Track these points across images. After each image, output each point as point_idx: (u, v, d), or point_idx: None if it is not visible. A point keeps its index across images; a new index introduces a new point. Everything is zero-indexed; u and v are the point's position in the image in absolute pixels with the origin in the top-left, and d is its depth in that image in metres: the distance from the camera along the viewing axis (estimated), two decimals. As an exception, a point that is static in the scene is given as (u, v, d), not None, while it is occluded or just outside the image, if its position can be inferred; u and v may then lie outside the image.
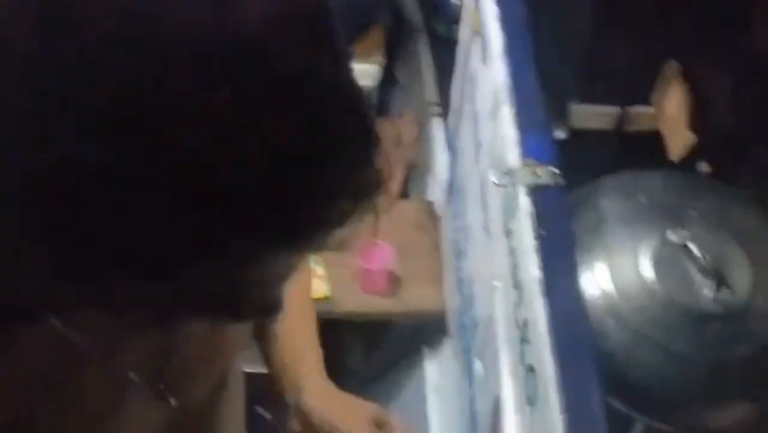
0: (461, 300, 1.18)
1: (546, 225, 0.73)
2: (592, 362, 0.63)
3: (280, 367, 0.67)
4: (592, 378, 0.62)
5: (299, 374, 0.66)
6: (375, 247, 1.40)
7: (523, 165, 0.79)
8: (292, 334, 0.67)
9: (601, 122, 1.49)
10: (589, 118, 1.47)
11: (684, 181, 0.92)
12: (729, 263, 0.80)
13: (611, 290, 0.79)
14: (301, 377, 0.66)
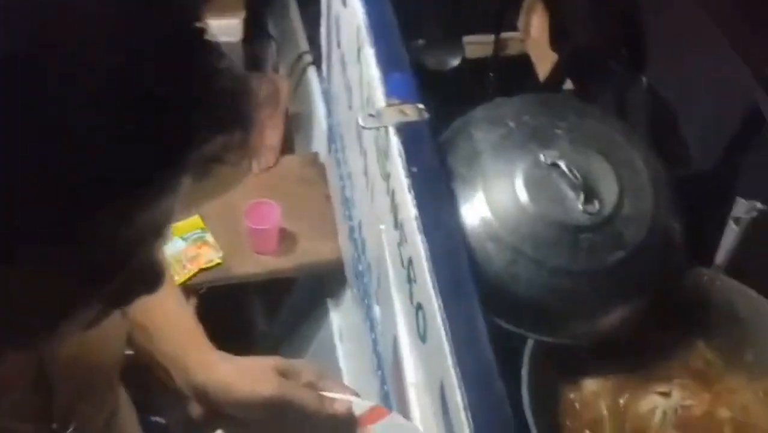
0: (354, 247, 1.18)
1: (416, 162, 0.73)
2: (473, 293, 0.64)
3: (161, 358, 0.62)
4: (475, 309, 0.63)
5: (184, 356, 0.62)
6: (262, 206, 1.37)
7: (387, 105, 0.78)
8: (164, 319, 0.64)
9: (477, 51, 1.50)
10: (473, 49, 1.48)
11: (549, 102, 0.94)
12: (596, 175, 0.82)
13: (490, 217, 0.80)
14: (185, 357, 0.62)
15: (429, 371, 0.70)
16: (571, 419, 0.81)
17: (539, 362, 0.79)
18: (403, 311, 0.80)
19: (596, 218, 0.80)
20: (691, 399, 0.82)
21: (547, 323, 0.81)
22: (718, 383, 0.84)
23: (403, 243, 0.76)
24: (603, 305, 0.81)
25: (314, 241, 1.43)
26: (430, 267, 0.65)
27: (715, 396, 0.83)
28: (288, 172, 1.58)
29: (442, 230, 0.68)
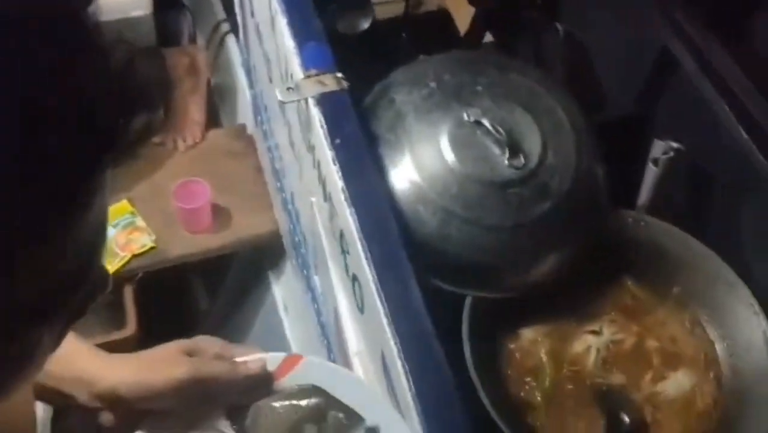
0: (289, 219, 1.18)
1: (339, 133, 0.72)
2: (405, 262, 0.65)
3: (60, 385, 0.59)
4: (408, 277, 0.64)
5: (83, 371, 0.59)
6: (191, 185, 1.35)
7: (305, 77, 0.77)
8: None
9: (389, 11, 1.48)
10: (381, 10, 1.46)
11: (468, 59, 0.94)
12: (519, 129, 0.83)
13: (418, 180, 0.81)
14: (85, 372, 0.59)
15: (369, 341, 0.71)
16: (512, 369, 0.83)
17: (478, 318, 0.81)
18: (341, 282, 0.81)
19: (522, 171, 0.82)
20: (620, 333, 0.86)
21: (482, 279, 0.82)
22: (646, 316, 0.88)
23: (333, 215, 0.76)
24: (535, 256, 0.83)
25: (249, 215, 1.42)
26: (360, 238, 0.65)
27: (644, 328, 0.86)
28: (216, 147, 1.55)
29: (370, 200, 0.68)
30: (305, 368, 0.66)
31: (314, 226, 0.90)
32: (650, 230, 0.89)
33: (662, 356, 0.85)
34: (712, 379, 0.83)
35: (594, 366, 0.84)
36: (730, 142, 0.78)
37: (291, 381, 0.65)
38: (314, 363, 0.67)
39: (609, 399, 0.81)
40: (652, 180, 0.89)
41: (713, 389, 0.82)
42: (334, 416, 0.63)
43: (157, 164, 1.50)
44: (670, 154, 0.86)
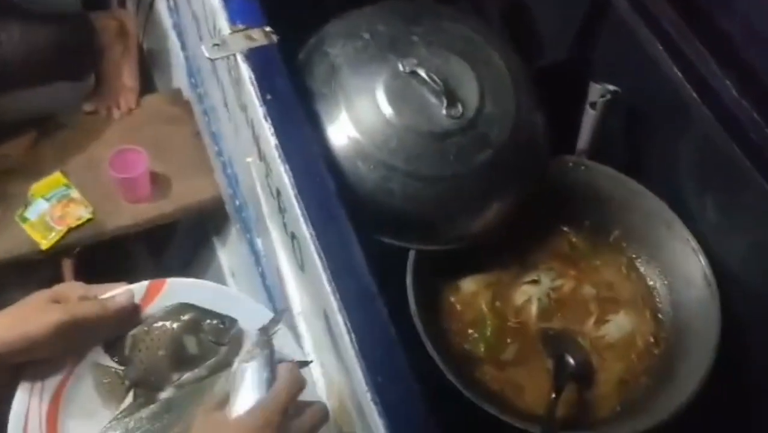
0: (228, 183, 1.15)
1: (270, 88, 0.70)
2: (343, 217, 0.63)
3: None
4: (347, 233, 0.63)
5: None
6: (127, 153, 1.30)
7: (232, 32, 0.74)
8: None
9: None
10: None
11: (403, 9, 0.91)
12: (457, 78, 0.82)
13: (356, 135, 0.79)
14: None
15: (312, 299, 0.70)
16: (454, 322, 0.84)
17: (422, 271, 0.81)
18: (281, 242, 0.79)
19: (461, 121, 0.81)
20: (558, 280, 0.87)
21: (425, 232, 0.82)
22: (582, 262, 0.89)
23: (269, 174, 0.74)
24: (477, 207, 0.83)
25: (189, 181, 1.38)
26: (296, 195, 0.64)
27: (581, 274, 0.87)
28: (151, 113, 1.50)
29: (304, 156, 0.66)
30: (170, 290, 0.68)
31: (252, 186, 0.88)
32: (590, 174, 0.89)
33: (600, 301, 0.86)
34: (649, 319, 0.85)
35: (537, 315, 0.85)
36: (665, 84, 0.78)
37: (159, 305, 0.67)
38: (177, 283, 0.69)
39: (555, 343, 0.82)
40: (590, 124, 0.89)
41: (653, 327, 0.84)
42: (210, 324, 0.66)
43: (91, 134, 1.44)
44: (607, 96, 0.86)
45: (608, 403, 0.80)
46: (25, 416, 0.63)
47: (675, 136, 0.83)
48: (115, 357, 0.66)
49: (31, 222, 1.29)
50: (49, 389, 0.64)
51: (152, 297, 0.68)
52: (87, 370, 0.65)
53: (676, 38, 0.75)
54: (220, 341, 0.66)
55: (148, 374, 0.66)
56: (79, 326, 0.61)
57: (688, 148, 0.83)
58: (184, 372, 0.66)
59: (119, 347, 0.66)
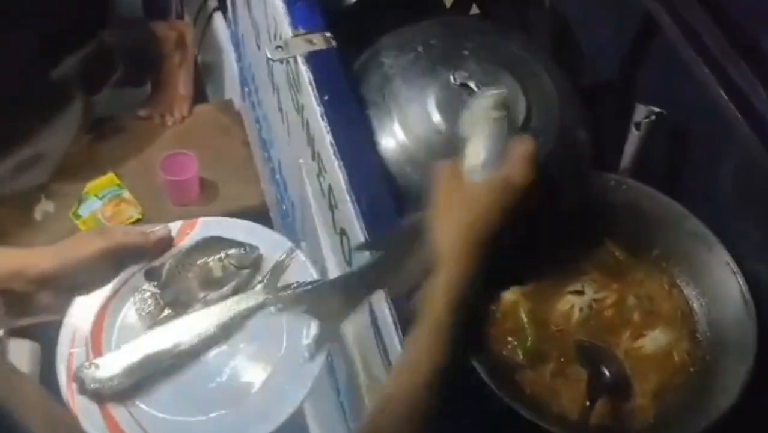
0: (276, 189, 1.19)
1: (327, 90, 0.74)
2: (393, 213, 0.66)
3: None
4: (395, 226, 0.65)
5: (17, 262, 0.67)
6: (178, 157, 1.35)
7: (294, 36, 0.78)
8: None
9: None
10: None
11: (455, 25, 0.95)
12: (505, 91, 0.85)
13: (405, 140, 0.82)
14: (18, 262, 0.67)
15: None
16: (494, 328, 0.85)
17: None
18: (329, 239, 0.82)
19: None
20: (602, 291, 0.87)
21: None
22: (625, 277, 0.89)
23: (322, 173, 0.77)
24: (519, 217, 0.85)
25: (236, 187, 1.42)
26: (349, 190, 0.67)
27: (624, 286, 0.88)
28: (203, 122, 1.56)
29: (358, 153, 0.69)
30: (201, 226, 0.81)
31: (302, 188, 0.92)
32: (631, 193, 0.90)
33: (641, 313, 0.87)
34: (686, 335, 0.85)
35: (577, 324, 0.86)
36: (710, 106, 0.79)
37: (192, 239, 0.79)
38: (208, 221, 0.82)
39: (590, 355, 0.83)
40: (634, 144, 0.90)
41: (689, 344, 0.84)
42: (233, 252, 0.78)
43: (145, 139, 1.50)
44: (652, 118, 0.88)
45: (642, 415, 0.80)
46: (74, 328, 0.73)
47: (718, 158, 0.85)
48: (153, 282, 0.77)
49: (84, 219, 1.34)
50: (95, 306, 0.74)
51: (186, 233, 0.79)
52: (128, 292, 0.76)
53: (721, 60, 0.76)
54: (242, 265, 0.78)
55: (180, 294, 0.76)
56: (122, 252, 0.70)
57: (731, 171, 0.84)
58: (210, 292, 0.77)
59: (157, 274, 0.77)
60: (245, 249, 0.79)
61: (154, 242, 0.75)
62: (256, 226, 0.83)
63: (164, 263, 0.77)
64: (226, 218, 0.84)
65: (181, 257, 0.78)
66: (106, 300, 0.75)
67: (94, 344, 0.73)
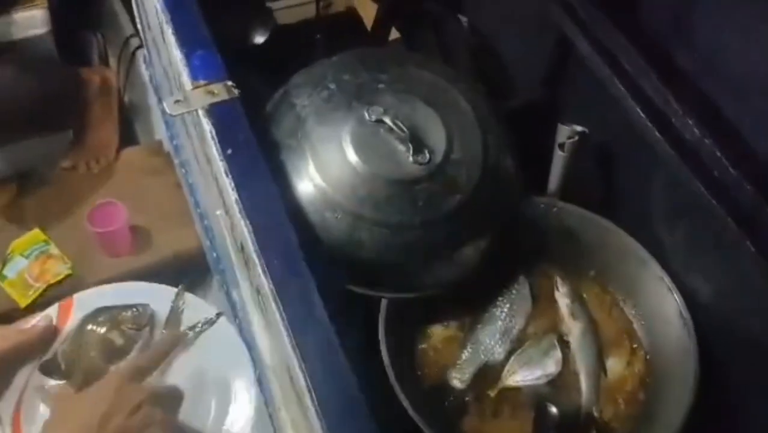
0: (205, 235, 1.14)
1: (231, 143, 0.70)
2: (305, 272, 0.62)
3: None
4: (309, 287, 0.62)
5: None
6: (106, 207, 1.29)
7: (194, 87, 0.74)
8: None
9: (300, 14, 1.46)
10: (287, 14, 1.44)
11: (368, 57, 0.92)
12: (423, 124, 0.82)
13: (323, 185, 0.79)
14: None
15: (277, 354, 0.69)
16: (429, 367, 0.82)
17: (394, 320, 0.80)
18: (249, 296, 0.78)
19: (428, 167, 0.80)
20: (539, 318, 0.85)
21: (396, 281, 0.81)
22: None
23: (234, 228, 0.74)
24: (448, 252, 0.82)
25: (170, 232, 1.37)
26: (257, 250, 0.63)
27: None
28: (132, 166, 1.49)
29: (265, 211, 0.66)
30: (80, 302, 0.79)
31: (224, 240, 0.87)
32: (562, 215, 0.89)
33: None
34: (635, 360, 0.83)
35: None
36: (628, 122, 0.78)
37: (75, 319, 0.76)
38: (84, 294, 0.80)
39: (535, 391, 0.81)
40: (560, 165, 0.89)
41: (641, 367, 0.82)
42: (125, 315, 0.77)
43: (70, 189, 1.44)
44: (575, 138, 0.86)
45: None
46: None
47: (643, 174, 0.83)
48: (54, 376, 0.73)
49: (10, 280, 1.27)
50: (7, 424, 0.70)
51: (67, 314, 0.77)
52: (35, 396, 0.71)
53: (636, 77, 0.75)
54: (140, 324, 0.77)
55: (88, 376, 0.72)
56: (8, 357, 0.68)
57: (656, 187, 0.82)
58: (118, 361, 0.75)
59: (54, 366, 0.73)
60: (136, 309, 0.79)
61: (37, 336, 0.73)
62: (135, 284, 0.84)
63: (56, 352, 0.75)
64: (101, 287, 0.83)
65: (75, 339, 0.76)
66: (14, 412, 0.71)
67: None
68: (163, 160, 1.49)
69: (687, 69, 0.73)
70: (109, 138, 1.51)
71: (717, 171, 0.68)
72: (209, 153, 0.75)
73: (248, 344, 0.97)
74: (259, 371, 0.82)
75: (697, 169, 0.70)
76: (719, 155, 0.67)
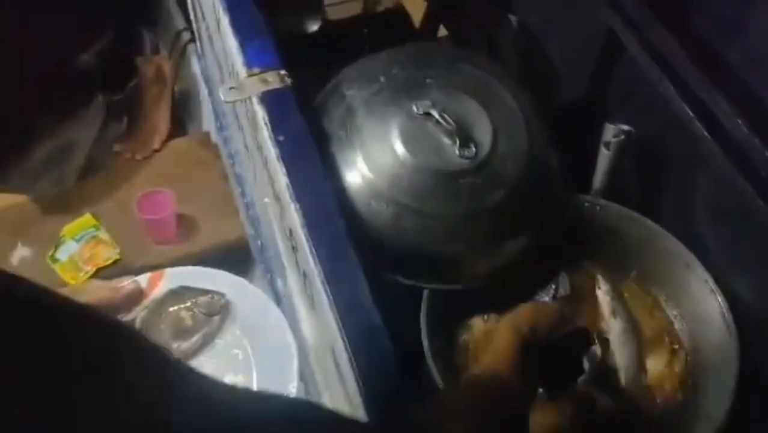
0: (251, 224, 1.17)
1: (282, 130, 0.72)
2: (352, 257, 0.64)
3: None
4: (356, 272, 0.63)
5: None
6: (154, 195, 1.33)
7: (248, 75, 0.76)
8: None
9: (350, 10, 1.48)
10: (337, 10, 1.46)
11: (417, 52, 0.93)
12: (469, 119, 0.83)
13: (369, 175, 0.80)
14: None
15: (321, 337, 0.71)
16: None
17: (435, 311, 0.81)
18: (295, 281, 0.80)
19: (474, 161, 0.81)
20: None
21: (439, 271, 0.82)
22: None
23: (283, 214, 0.76)
24: (490, 246, 0.83)
25: (215, 222, 1.40)
26: (306, 234, 0.65)
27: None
28: (180, 156, 1.54)
29: (315, 196, 0.67)
30: (170, 276, 0.82)
31: (271, 228, 0.90)
32: (605, 214, 0.89)
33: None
34: (675, 360, 0.83)
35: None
36: (678, 123, 0.78)
37: (161, 290, 0.81)
38: (174, 271, 0.83)
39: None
40: (605, 164, 0.89)
41: (681, 367, 0.82)
42: (201, 300, 0.80)
43: (121, 176, 1.48)
44: (621, 137, 0.86)
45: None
46: None
47: (689, 175, 0.83)
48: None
49: (62, 263, 1.32)
50: None
51: (155, 284, 0.81)
52: None
53: (684, 76, 0.75)
54: (211, 312, 0.80)
55: None
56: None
57: (702, 187, 0.82)
58: (182, 342, 0.78)
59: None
60: (212, 296, 0.81)
61: (124, 296, 0.76)
62: (222, 273, 0.85)
63: (136, 316, 0.78)
64: (193, 267, 0.86)
65: (153, 309, 0.80)
66: None
67: None
68: (211, 151, 1.53)
69: (736, 68, 0.73)
70: (161, 128, 1.55)
71: (765, 171, 0.67)
72: (261, 140, 0.77)
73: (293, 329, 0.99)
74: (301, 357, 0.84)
75: (745, 170, 0.69)
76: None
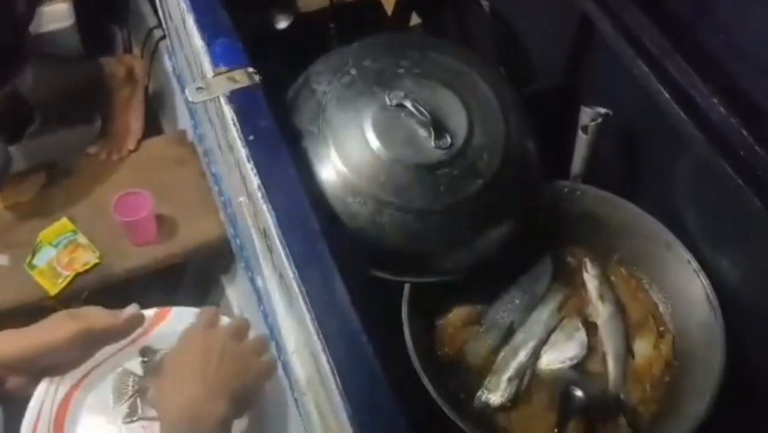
0: (229, 222, 1.15)
1: (252, 129, 0.70)
2: (327, 256, 0.63)
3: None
4: (330, 272, 0.62)
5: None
6: (131, 196, 1.31)
7: (215, 74, 0.75)
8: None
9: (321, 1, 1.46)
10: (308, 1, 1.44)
11: (389, 42, 0.92)
12: (444, 109, 0.81)
13: (344, 170, 0.79)
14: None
15: (301, 338, 0.69)
16: (448, 347, 0.83)
17: (417, 304, 0.80)
18: (273, 281, 0.79)
19: (450, 152, 0.80)
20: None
21: (419, 265, 0.81)
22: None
23: (257, 214, 0.74)
24: (470, 236, 0.82)
25: (195, 221, 1.38)
26: (279, 235, 0.63)
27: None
28: (157, 156, 1.51)
29: (287, 196, 0.66)
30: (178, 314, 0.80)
31: (247, 227, 0.88)
32: (586, 198, 0.88)
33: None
34: (665, 340, 0.83)
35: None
36: (653, 103, 0.77)
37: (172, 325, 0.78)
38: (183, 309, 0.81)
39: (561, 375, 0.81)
40: (583, 148, 0.88)
41: (667, 350, 0.82)
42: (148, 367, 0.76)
43: (97, 178, 1.46)
44: (598, 120, 0.85)
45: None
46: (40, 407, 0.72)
47: (668, 156, 0.82)
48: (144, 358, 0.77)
49: (40, 269, 1.30)
50: (65, 385, 0.73)
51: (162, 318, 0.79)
52: (107, 370, 0.75)
53: (660, 58, 0.74)
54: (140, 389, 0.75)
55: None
56: (93, 333, 0.70)
57: (681, 168, 0.81)
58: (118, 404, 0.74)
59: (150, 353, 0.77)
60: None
61: (124, 322, 0.74)
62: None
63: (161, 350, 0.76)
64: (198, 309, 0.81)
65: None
66: (77, 380, 0.74)
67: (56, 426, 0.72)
68: (188, 149, 1.50)
69: (712, 49, 0.72)
70: (135, 125, 1.53)
71: (743, 151, 0.67)
72: (231, 140, 0.75)
73: (273, 330, 0.98)
74: (283, 357, 0.83)
75: (723, 150, 0.68)
76: (746, 135, 0.66)
